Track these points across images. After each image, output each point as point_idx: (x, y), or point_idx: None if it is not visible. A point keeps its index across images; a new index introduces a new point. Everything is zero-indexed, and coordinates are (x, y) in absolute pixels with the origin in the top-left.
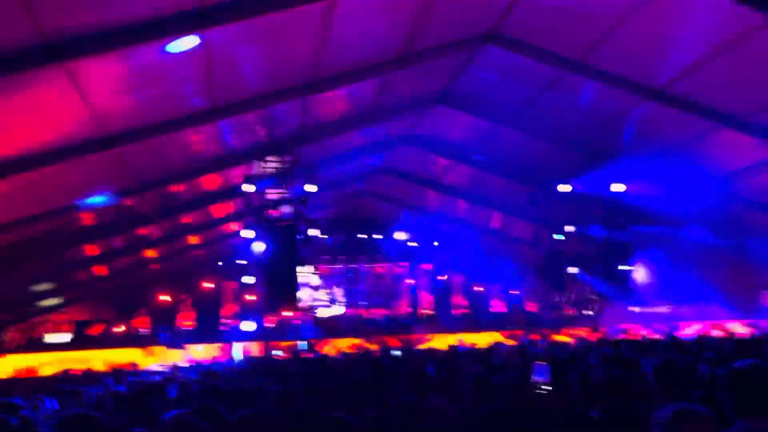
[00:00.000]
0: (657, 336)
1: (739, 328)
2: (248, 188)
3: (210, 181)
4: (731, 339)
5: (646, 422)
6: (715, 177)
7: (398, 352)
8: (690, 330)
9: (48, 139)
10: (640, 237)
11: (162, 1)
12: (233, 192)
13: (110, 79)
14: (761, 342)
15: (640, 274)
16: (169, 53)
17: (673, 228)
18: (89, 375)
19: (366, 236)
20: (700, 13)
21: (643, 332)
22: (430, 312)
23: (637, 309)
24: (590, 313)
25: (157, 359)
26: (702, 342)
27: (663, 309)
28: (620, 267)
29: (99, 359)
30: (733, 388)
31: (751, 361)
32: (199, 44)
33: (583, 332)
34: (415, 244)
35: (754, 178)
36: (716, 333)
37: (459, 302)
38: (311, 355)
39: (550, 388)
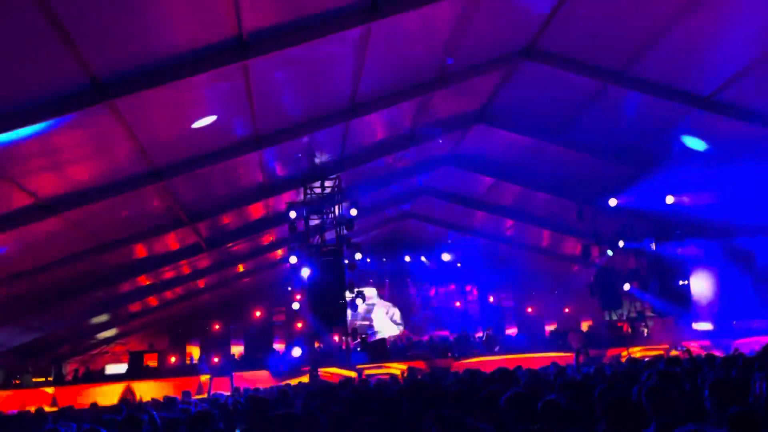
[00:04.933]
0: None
1: None
2: (292, 215)
3: (256, 210)
4: None
5: None
6: None
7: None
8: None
9: (98, 175)
10: (697, 250)
11: (202, 33)
12: (278, 219)
13: (155, 113)
14: None
15: (699, 288)
16: (211, 84)
17: (732, 239)
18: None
19: (411, 259)
20: (743, 19)
21: (704, 349)
22: (481, 334)
23: (698, 325)
24: (646, 330)
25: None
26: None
27: (724, 324)
28: (677, 282)
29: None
30: None
31: None
32: (240, 74)
33: (639, 350)
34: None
35: None
36: None
37: (511, 324)
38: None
39: None
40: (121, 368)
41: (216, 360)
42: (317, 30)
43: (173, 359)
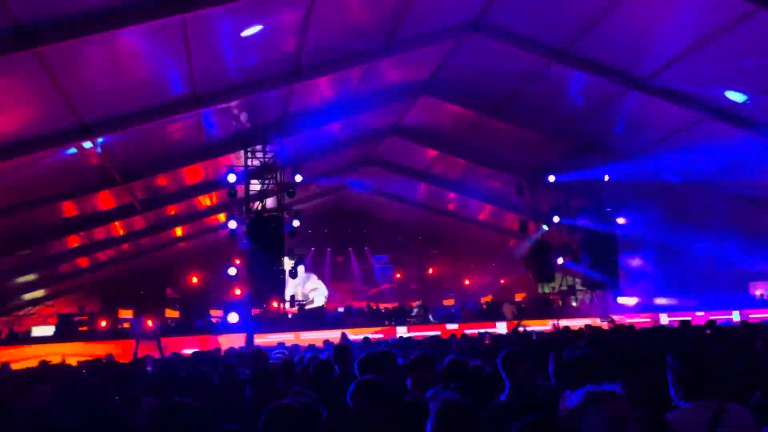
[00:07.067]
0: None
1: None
2: (231, 179)
3: (194, 173)
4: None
5: None
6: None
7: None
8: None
9: (22, 127)
10: (627, 227)
11: None
12: (218, 183)
13: (87, 66)
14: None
15: (629, 264)
16: (147, 38)
17: (662, 217)
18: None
19: (352, 228)
20: (682, 4)
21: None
22: (418, 303)
23: (622, 299)
24: (576, 303)
25: None
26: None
27: (652, 300)
28: (607, 257)
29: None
30: (678, 371)
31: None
32: (180, 28)
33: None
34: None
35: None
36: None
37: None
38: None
39: None
40: (48, 330)
41: (150, 324)
42: None
43: (104, 323)
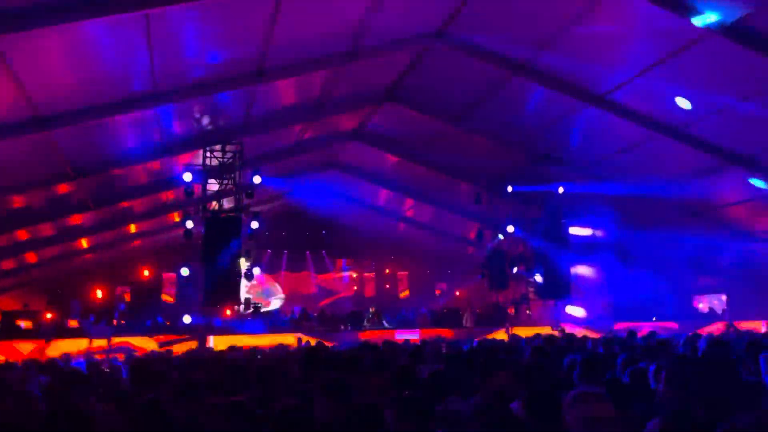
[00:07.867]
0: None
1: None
2: (187, 177)
3: (150, 170)
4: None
5: None
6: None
7: None
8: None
9: None
10: (579, 239)
11: None
12: (174, 181)
13: (44, 57)
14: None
15: (582, 275)
16: (108, 31)
17: (613, 230)
18: None
19: (310, 231)
20: (640, 25)
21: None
22: (373, 309)
23: (571, 309)
24: (528, 312)
25: None
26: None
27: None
28: (560, 268)
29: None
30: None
31: None
32: (141, 24)
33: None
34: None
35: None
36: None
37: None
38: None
39: None
40: None
41: (95, 318)
42: None
43: (49, 317)
